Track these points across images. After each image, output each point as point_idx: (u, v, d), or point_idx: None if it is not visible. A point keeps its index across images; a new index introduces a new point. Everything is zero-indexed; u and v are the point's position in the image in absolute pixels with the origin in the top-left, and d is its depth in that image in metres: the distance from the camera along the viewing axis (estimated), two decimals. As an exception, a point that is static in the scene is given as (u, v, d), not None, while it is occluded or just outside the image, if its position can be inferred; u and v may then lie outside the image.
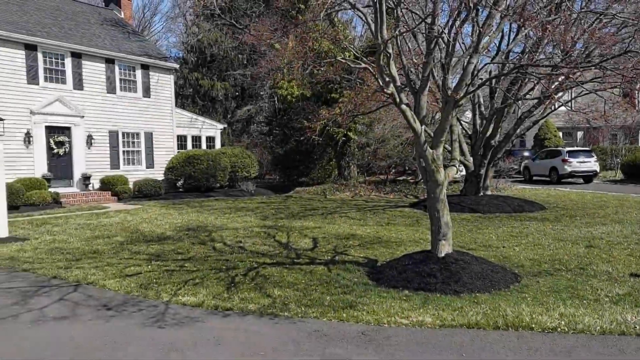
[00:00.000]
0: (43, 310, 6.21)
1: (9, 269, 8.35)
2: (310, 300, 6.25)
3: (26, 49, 17.21)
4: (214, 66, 32.40)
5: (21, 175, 16.36)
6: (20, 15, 18.29)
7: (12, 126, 15.98)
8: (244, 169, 22.45)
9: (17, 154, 16.55)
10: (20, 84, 17.08)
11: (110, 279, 7.55)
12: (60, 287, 7.27)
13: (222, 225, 12.77)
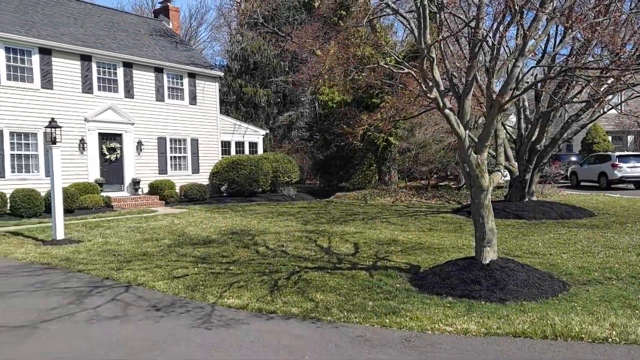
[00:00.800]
0: (97, 309, 6.45)
1: (65, 270, 8.71)
2: (353, 305, 6.28)
3: (82, 60, 18.09)
4: (256, 73, 32.99)
5: (76, 180, 17.14)
6: (76, 28, 19.25)
7: (68, 133, 16.81)
8: (285, 174, 22.72)
9: (72, 160, 17.36)
10: (76, 92, 17.95)
11: (159, 280, 7.77)
12: (112, 287, 7.53)
13: (264, 229, 12.97)
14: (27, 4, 18.87)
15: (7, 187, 15.53)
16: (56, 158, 11.47)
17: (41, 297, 7.02)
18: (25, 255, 9.85)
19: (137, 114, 19.78)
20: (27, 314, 6.25)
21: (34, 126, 16.58)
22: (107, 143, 18.79)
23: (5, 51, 16.13)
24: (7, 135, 16.07)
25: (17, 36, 16.28)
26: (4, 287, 7.55)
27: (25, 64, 16.61)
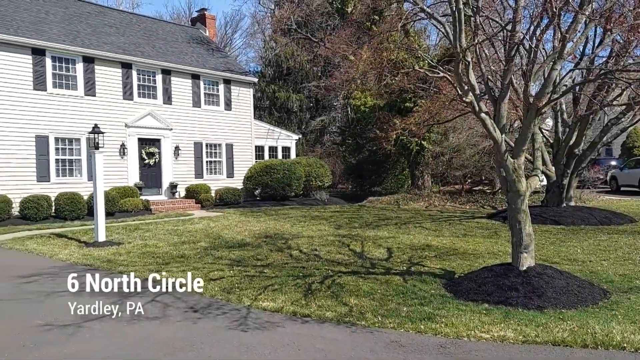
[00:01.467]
0: (137, 310, 6.53)
1: (107, 271, 8.92)
2: (387, 311, 6.29)
3: (123, 67, 18.73)
4: (289, 79, 33.34)
5: (116, 184, 17.71)
6: (118, 37, 19.94)
7: (109, 139, 17.39)
8: (317, 178, 22.85)
9: (113, 164, 17.94)
10: (117, 99, 18.58)
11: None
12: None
13: (297, 233, 13.08)
14: (73, 14, 19.67)
15: (52, 191, 16.17)
16: (99, 163, 11.89)
17: (85, 298, 7.14)
18: (69, 257, 10.16)
19: (175, 120, 20.30)
20: (73, 313, 6.39)
21: (78, 132, 17.22)
22: (146, 148, 19.36)
23: (52, 60, 16.84)
24: (53, 141, 16.75)
25: (63, 45, 16.99)
26: (51, 287, 7.81)
27: (70, 72, 17.30)
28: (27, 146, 16.21)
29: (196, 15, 27.59)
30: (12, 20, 16.77)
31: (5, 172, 15.71)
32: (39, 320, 6.10)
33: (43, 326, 5.89)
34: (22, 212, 15.04)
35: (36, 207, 15.00)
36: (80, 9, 20.72)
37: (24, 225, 14.38)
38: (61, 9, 19.59)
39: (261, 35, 39.10)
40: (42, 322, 6.05)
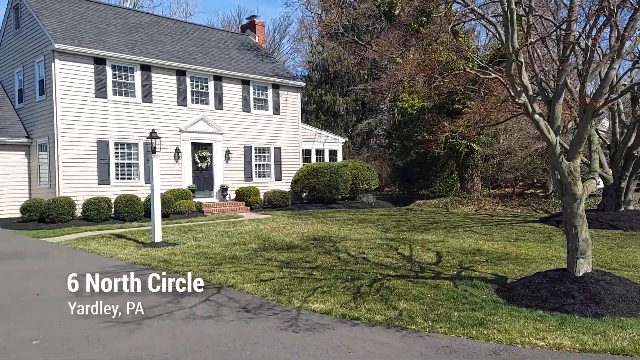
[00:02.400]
0: (192, 309, 6.82)
1: (163, 270, 9.16)
2: (437, 315, 6.26)
3: (177, 75, 19.45)
4: (336, 82, 33.50)
5: (171, 187, 18.36)
6: (172, 45, 20.73)
7: (165, 143, 18.06)
8: (364, 181, 22.85)
9: (168, 168, 18.60)
10: (172, 105, 19.32)
11: (247, 283, 8.11)
12: (206, 288, 7.81)
13: (345, 236, 13.15)
14: (131, 25, 20.61)
15: (111, 193, 16.98)
16: (156, 166, 12.41)
17: (143, 296, 7.57)
18: (128, 256, 10.58)
19: (226, 124, 20.86)
20: (132, 310, 6.63)
21: (136, 137, 18.01)
22: (198, 152, 19.99)
23: (112, 69, 17.72)
24: (113, 146, 17.61)
25: (123, 55, 17.87)
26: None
27: (128, 80, 18.14)
28: (90, 151, 17.12)
29: (246, 23, 28.24)
30: (76, 31, 17.78)
31: (69, 175, 16.65)
32: (102, 317, 6.34)
33: (105, 322, 6.17)
34: (84, 214, 15.89)
35: (97, 208, 15.81)
36: (138, 19, 21.71)
37: (86, 226, 15.17)
38: (121, 20, 20.59)
39: (308, 40, 39.55)
40: (104, 319, 6.31)
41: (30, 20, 18.00)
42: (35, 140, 17.94)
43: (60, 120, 16.48)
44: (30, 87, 18.18)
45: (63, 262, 10.22)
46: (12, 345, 5.44)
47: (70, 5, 19.48)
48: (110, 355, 5.19)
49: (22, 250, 11.62)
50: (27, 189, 18.18)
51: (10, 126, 18.38)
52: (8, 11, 19.92)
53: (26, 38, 18.51)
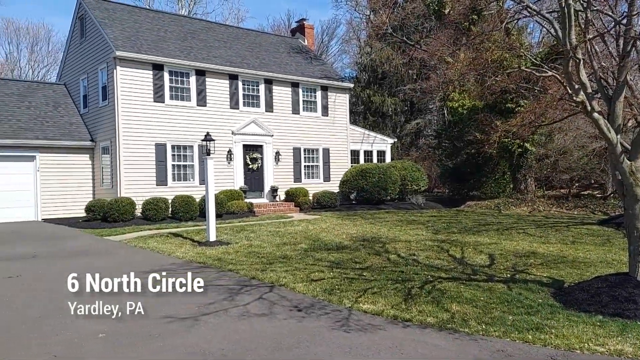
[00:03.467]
0: (246, 306, 6.99)
1: (217, 269, 9.55)
2: (491, 319, 6.18)
3: (230, 79, 20.02)
4: (384, 83, 33.37)
5: (224, 188, 18.89)
6: (225, 50, 21.33)
7: (218, 145, 18.65)
8: (413, 182, 22.65)
9: (221, 169, 19.14)
10: (225, 108, 19.88)
11: (298, 282, 8.23)
12: (258, 287, 8.11)
13: (394, 237, 13.12)
14: (187, 31, 21.37)
15: (168, 194, 17.68)
16: (210, 168, 12.84)
17: (200, 293, 7.76)
18: (184, 255, 10.97)
19: (276, 127, 21.25)
20: (190, 307, 6.95)
21: (191, 139, 18.68)
22: (249, 153, 20.48)
23: (169, 74, 18.46)
24: (170, 148, 18.34)
25: (179, 60, 18.58)
26: (171, 282, 8.62)
27: (184, 85, 18.84)
28: (148, 153, 17.89)
29: (295, 26, 28.62)
30: (136, 39, 18.64)
31: (130, 176, 17.48)
32: (162, 313, 6.65)
33: (165, 318, 6.44)
34: (143, 213, 16.63)
35: (155, 208, 16.50)
36: (193, 26, 22.48)
37: (145, 225, 15.86)
38: (177, 27, 21.40)
39: (356, 41, 39.58)
40: (164, 314, 6.59)
41: (94, 30, 19.03)
42: (98, 143, 18.97)
43: (122, 124, 17.35)
44: (94, 92, 19.23)
45: (125, 260, 10.73)
46: (80, 337, 5.77)
47: (130, 15, 20.46)
48: (171, 350, 5.40)
49: (88, 248, 12.29)
50: (91, 189, 19.25)
51: (76, 130, 19.52)
52: (74, 21, 21.14)
53: (90, 46, 19.58)
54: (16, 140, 17.72)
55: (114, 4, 20.82)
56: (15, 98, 19.67)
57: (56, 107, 20.34)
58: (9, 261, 10.52)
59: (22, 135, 18.05)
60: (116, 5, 20.88)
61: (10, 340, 5.76)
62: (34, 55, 45.52)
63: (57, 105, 20.44)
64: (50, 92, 21.22)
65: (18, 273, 9.30)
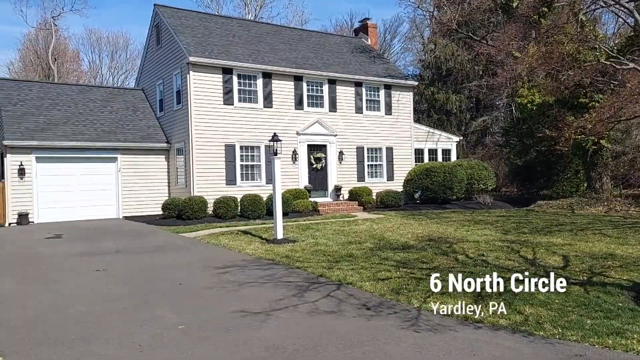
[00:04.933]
0: (315, 303, 7.12)
1: (285, 266, 9.79)
2: (568, 322, 6.01)
3: (295, 80, 20.47)
4: (449, 80, 32.73)
5: (289, 187, 19.32)
6: (290, 52, 21.80)
7: (284, 146, 19.09)
8: (480, 181, 22.12)
9: (286, 169, 19.53)
10: (290, 109, 20.35)
11: (365, 281, 8.29)
12: (325, 284, 8.22)
13: (461, 237, 12.91)
14: (254, 35, 22.05)
15: (237, 193, 18.35)
16: (277, 168, 13.23)
17: (270, 289, 8.02)
18: (254, 251, 11.34)
19: (339, 126, 21.46)
20: (261, 302, 7.19)
21: (258, 140, 19.30)
22: (313, 153, 20.83)
23: (237, 77, 19.16)
24: (238, 149, 19.03)
25: (247, 64, 19.24)
26: (242, 278, 8.85)
27: (251, 87, 19.48)
28: (219, 154, 18.66)
29: (358, 26, 28.68)
30: (207, 45, 19.48)
31: (202, 176, 18.31)
32: (235, 307, 6.94)
33: (238, 312, 6.70)
34: (214, 211, 17.38)
35: (226, 207, 17.20)
36: (260, 29, 23.16)
37: (216, 222, 16.57)
38: (245, 31, 22.13)
39: (420, 39, 39.05)
40: (237, 308, 6.87)
41: (169, 37, 20.07)
42: (173, 145, 20.00)
43: (194, 126, 18.20)
44: (169, 97, 20.29)
45: (200, 255, 11.30)
46: (161, 328, 6.14)
47: (201, 21, 21.39)
48: (245, 342, 5.59)
49: (165, 244, 13.02)
50: (167, 188, 20.34)
51: (154, 133, 20.70)
52: (150, 30, 22.40)
53: (165, 53, 20.67)
54: (100, 143, 19.08)
55: (186, 11, 21.88)
56: (99, 103, 21.16)
57: (135, 111, 21.66)
58: (95, 256, 11.37)
59: (106, 138, 19.41)
60: (188, 12, 21.92)
61: (100, 328, 6.24)
62: (114, 63, 48.75)
63: (136, 110, 21.77)
64: (129, 97, 22.63)
65: (104, 267, 10.03)
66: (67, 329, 6.19)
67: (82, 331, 6.11)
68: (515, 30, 20.88)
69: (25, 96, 19.83)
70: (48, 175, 18.16)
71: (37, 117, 18.98)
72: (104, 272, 9.60)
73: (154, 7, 21.51)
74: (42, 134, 18.30)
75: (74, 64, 46.29)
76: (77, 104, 20.53)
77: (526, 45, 20.19)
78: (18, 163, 17.61)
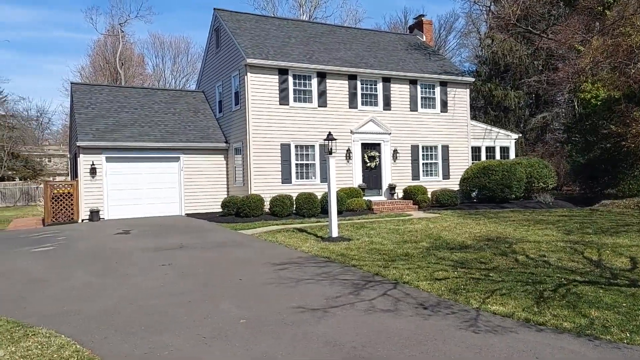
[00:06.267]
0: (372, 302, 7.17)
1: (341, 264, 9.91)
2: (637, 326, 5.81)
3: (349, 79, 20.60)
4: (507, 76, 31.81)
5: (343, 186, 19.51)
6: (345, 52, 21.94)
7: (338, 144, 19.33)
8: (540, 179, 21.41)
9: (341, 168, 19.78)
10: (344, 108, 20.50)
11: (422, 280, 8.29)
12: (382, 283, 8.27)
13: (521, 237, 12.60)
14: (309, 36, 22.37)
15: (293, 191, 18.72)
16: (332, 166, 13.39)
17: (326, 286, 8.14)
18: (310, 249, 11.55)
19: (393, 124, 21.38)
20: (318, 299, 7.34)
21: (312, 139, 19.59)
22: (367, 152, 20.87)
23: (293, 78, 19.52)
24: (293, 148, 19.39)
25: (302, 64, 19.56)
26: (299, 274, 9.06)
27: (306, 87, 19.78)
28: (274, 153, 19.09)
29: (413, 23, 28.38)
30: (263, 46, 19.95)
31: (258, 175, 18.80)
32: (294, 303, 7.13)
33: (297, 308, 6.89)
34: (271, 209, 17.81)
35: (282, 205, 17.58)
36: (314, 30, 23.44)
37: (272, 220, 16.99)
38: (300, 32, 22.47)
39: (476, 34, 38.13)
40: (295, 304, 7.06)
41: (228, 40, 20.69)
42: (231, 144, 20.64)
43: (252, 126, 18.71)
44: (228, 98, 20.93)
45: (259, 252, 11.63)
46: (224, 322, 6.42)
47: (258, 24, 21.91)
48: (305, 338, 5.74)
49: (226, 240, 13.49)
50: (225, 187, 21.04)
51: (213, 133, 21.45)
52: (210, 34, 23.19)
53: (224, 55, 21.34)
54: (165, 144, 20.01)
55: (244, 14, 22.47)
56: (163, 105, 22.16)
57: (196, 112, 22.52)
58: (161, 251, 11.97)
59: (169, 138, 20.33)
60: (246, 15, 22.50)
61: (168, 320, 6.61)
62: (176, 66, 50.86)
63: (197, 111, 22.63)
64: (190, 99, 23.55)
65: (169, 262, 10.56)
66: (138, 320, 6.60)
67: (151, 322, 6.50)
68: (577, 22, 20.04)
69: (96, 99, 21.09)
70: (116, 174, 19.27)
71: (107, 119, 20.15)
72: (169, 266, 10.11)
73: (213, 11, 22.26)
74: (112, 135, 19.42)
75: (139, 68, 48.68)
76: (142, 106, 21.62)
77: (590, 38, 19.33)
78: (90, 163, 18.77)
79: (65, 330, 6.18)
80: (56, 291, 8.41)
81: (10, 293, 8.40)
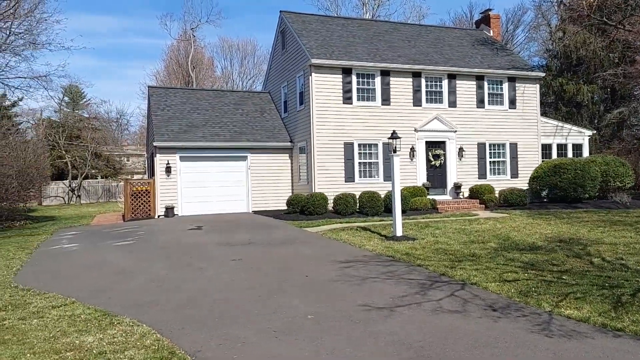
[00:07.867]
0: (439, 302, 7.15)
1: (406, 263, 9.92)
2: None
3: (413, 77, 20.41)
4: (580, 70, 30.23)
5: (407, 184, 19.36)
6: (409, 49, 21.74)
7: (401, 143, 19.19)
8: (616, 178, 20.30)
9: (404, 166, 19.59)
10: (408, 106, 20.34)
11: (490, 282, 8.15)
12: (449, 283, 8.21)
13: (596, 239, 12.06)
14: (373, 34, 22.36)
15: (356, 190, 18.81)
16: (396, 165, 13.39)
17: (392, 285, 8.19)
18: (374, 248, 11.62)
19: (459, 122, 20.97)
20: (384, 297, 7.40)
21: (375, 138, 19.60)
22: (432, 150, 20.60)
23: (356, 77, 19.61)
24: (356, 147, 19.49)
25: (366, 63, 19.59)
26: (365, 273, 9.15)
27: (369, 86, 19.81)
28: (338, 152, 19.28)
29: (479, 17, 27.60)
30: (328, 46, 20.19)
31: (322, 173, 19.07)
32: (360, 301, 7.24)
33: (364, 306, 6.98)
34: (334, 207, 18.03)
35: (345, 203, 17.75)
36: (378, 28, 23.39)
37: (336, 218, 17.19)
38: (363, 30, 22.52)
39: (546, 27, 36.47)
40: (362, 302, 7.17)
41: (293, 41, 21.12)
42: (296, 144, 21.07)
43: (316, 125, 19.01)
44: (293, 98, 21.38)
45: (324, 249, 11.84)
46: (292, 317, 6.65)
47: (323, 24, 22.19)
48: (372, 336, 5.82)
49: (291, 237, 13.83)
50: (290, 185, 21.52)
51: (279, 133, 22.01)
52: (276, 35, 23.76)
53: (290, 56, 21.79)
54: (233, 143, 20.78)
55: (309, 15, 22.83)
56: (232, 107, 23.00)
57: (262, 113, 23.18)
58: (231, 246, 12.50)
59: (238, 138, 21.08)
60: (311, 17, 22.85)
61: (239, 313, 6.92)
62: (243, 68, 52.50)
63: (263, 111, 23.29)
64: (257, 100, 24.28)
65: (239, 257, 11.03)
66: (212, 312, 6.97)
67: (224, 315, 6.84)
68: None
69: (171, 102, 22.25)
70: (189, 173, 20.26)
71: (181, 120, 21.21)
72: (239, 261, 10.56)
73: (279, 13, 22.78)
74: (185, 135, 20.42)
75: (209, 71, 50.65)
76: (213, 108, 22.56)
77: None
78: (165, 162, 19.85)
79: (146, 320, 6.63)
80: (138, 283, 9.04)
81: (99, 283, 9.13)
